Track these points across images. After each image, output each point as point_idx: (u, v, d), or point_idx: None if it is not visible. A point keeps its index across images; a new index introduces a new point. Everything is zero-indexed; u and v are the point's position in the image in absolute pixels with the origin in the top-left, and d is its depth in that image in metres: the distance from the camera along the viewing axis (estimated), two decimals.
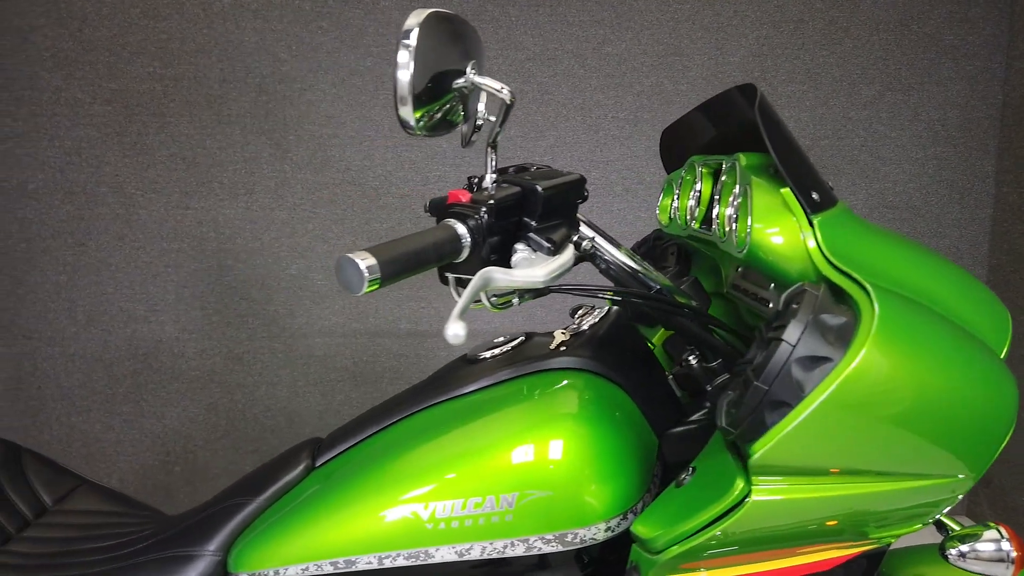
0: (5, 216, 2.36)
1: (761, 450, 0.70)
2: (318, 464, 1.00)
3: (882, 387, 0.69)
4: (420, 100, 0.77)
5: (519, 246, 0.80)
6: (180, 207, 2.40)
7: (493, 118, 1.31)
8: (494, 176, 0.86)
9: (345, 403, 2.54)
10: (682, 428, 0.95)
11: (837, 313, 0.70)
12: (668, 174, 1.19)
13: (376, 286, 0.69)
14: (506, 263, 0.80)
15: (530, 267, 0.78)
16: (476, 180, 1.25)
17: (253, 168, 2.40)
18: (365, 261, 0.67)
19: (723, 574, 0.79)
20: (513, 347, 1.02)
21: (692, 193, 1.06)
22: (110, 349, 2.45)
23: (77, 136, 2.34)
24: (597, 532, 0.86)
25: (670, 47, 2.44)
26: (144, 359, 2.47)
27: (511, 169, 1.23)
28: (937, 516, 0.82)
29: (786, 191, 0.82)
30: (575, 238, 0.90)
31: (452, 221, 0.78)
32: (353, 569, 0.89)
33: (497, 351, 1.02)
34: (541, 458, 0.86)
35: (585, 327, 1.01)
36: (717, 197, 0.94)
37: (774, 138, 0.81)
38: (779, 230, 0.81)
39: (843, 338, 0.69)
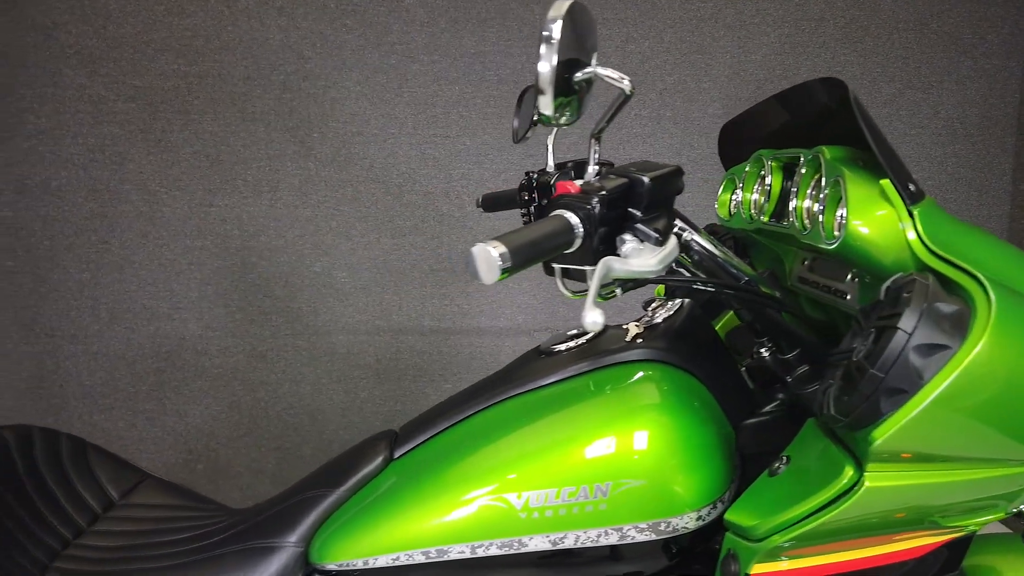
0: (28, 214, 2.35)
1: (882, 437, 0.71)
2: (396, 456, 1.01)
3: (998, 374, 0.70)
4: (558, 91, 0.79)
5: (627, 236, 0.81)
6: (204, 205, 2.40)
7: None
8: (596, 168, 0.87)
9: (368, 400, 2.55)
10: (757, 419, 0.97)
11: (950, 302, 0.71)
12: (726, 169, 1.20)
13: (506, 275, 0.69)
14: (612, 253, 0.81)
15: (641, 257, 0.79)
16: (534, 175, 1.25)
17: (277, 166, 2.40)
18: (497, 250, 0.68)
19: (820, 561, 0.80)
20: (587, 340, 1.03)
21: (756, 187, 1.08)
22: (133, 347, 2.44)
23: (101, 133, 2.34)
24: (689, 521, 0.87)
25: (693, 45, 2.45)
26: (167, 357, 2.46)
27: (569, 164, 1.24)
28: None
29: (885, 182, 0.83)
30: (676, 229, 0.91)
31: (565, 212, 0.79)
32: (445, 559, 0.90)
33: (572, 344, 1.03)
34: (634, 448, 0.87)
35: (659, 319, 1.02)
36: (794, 190, 0.95)
37: (873, 131, 0.83)
38: (877, 221, 0.83)
39: (959, 326, 0.70)
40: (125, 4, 2.29)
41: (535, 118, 1.31)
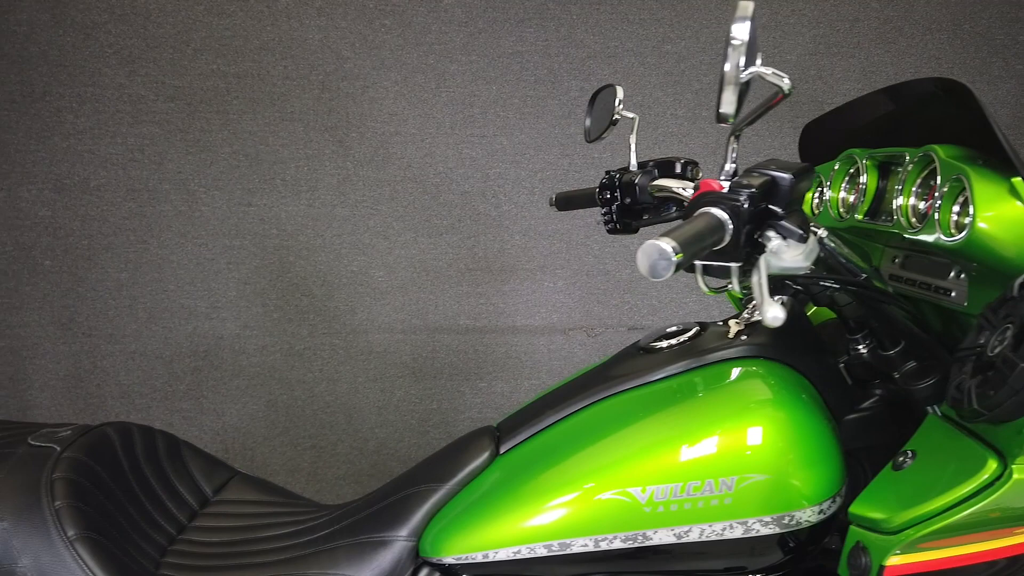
0: (67, 213, 2.36)
1: None
2: (503, 451, 1.03)
3: None
4: (740, 92, 0.80)
5: (770, 234, 0.82)
6: (242, 204, 2.40)
7: (630, 115, 1.33)
8: (734, 166, 0.88)
9: (404, 399, 2.56)
10: (857, 415, 0.99)
11: None
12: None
13: (677, 271, 0.71)
14: (757, 251, 0.82)
15: (791, 253, 0.81)
16: (616, 174, 1.26)
17: (315, 165, 2.41)
18: (670, 245, 0.69)
19: (954, 552, 0.82)
20: (690, 337, 1.04)
21: (844, 185, 1.10)
22: (170, 346, 2.45)
23: (140, 133, 2.34)
24: (811, 515, 0.89)
25: None
26: (204, 356, 2.47)
27: (651, 163, 1.25)
28: None
29: (1017, 180, 0.84)
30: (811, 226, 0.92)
31: (713, 208, 0.80)
32: (567, 552, 0.91)
33: (674, 341, 1.04)
34: (758, 443, 0.89)
35: (758, 316, 1.03)
36: (899, 188, 0.98)
37: (1000, 131, 0.85)
38: (1007, 219, 0.84)
39: None
40: (165, 4, 2.29)
41: (612, 119, 1.32)
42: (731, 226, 0.79)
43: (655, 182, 1.18)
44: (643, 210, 1.23)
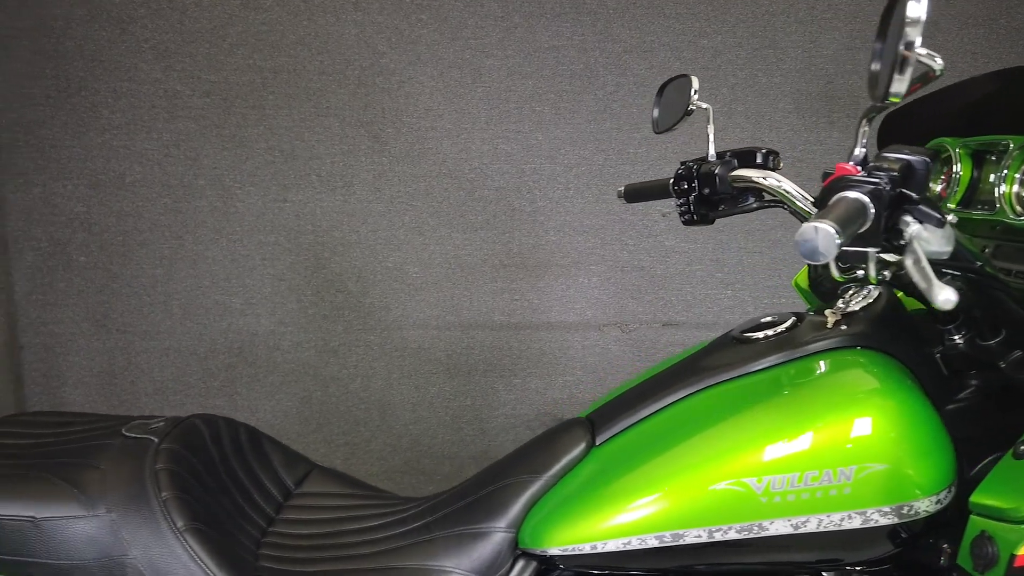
0: (102, 209, 2.35)
1: None
2: (599, 442, 1.02)
3: None
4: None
5: (908, 219, 0.81)
6: (278, 200, 2.39)
7: (704, 105, 1.32)
8: (863, 151, 0.87)
9: (438, 396, 2.55)
10: (955, 405, 0.98)
11: None
12: None
13: (838, 253, 0.71)
14: (896, 236, 0.81)
15: (935, 237, 0.80)
16: (693, 164, 1.25)
17: (351, 161, 2.40)
18: (832, 227, 0.69)
19: None
20: (787, 328, 1.03)
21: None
22: (205, 342, 2.44)
23: (175, 129, 2.33)
24: (930, 504, 0.89)
25: (765, 40, 2.45)
26: (239, 352, 2.46)
27: (728, 154, 1.24)
28: None
29: None
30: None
31: (853, 192, 0.79)
32: (680, 543, 0.91)
33: (769, 332, 1.03)
34: (876, 432, 0.88)
35: (855, 307, 1.03)
36: (1003, 175, 0.97)
37: None
38: None
39: None
40: None
41: (688, 109, 1.31)
42: (872, 210, 0.78)
43: (734, 172, 1.17)
44: (720, 201, 1.22)
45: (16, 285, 2.36)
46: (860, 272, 0.84)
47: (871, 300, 1.02)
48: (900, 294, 1.07)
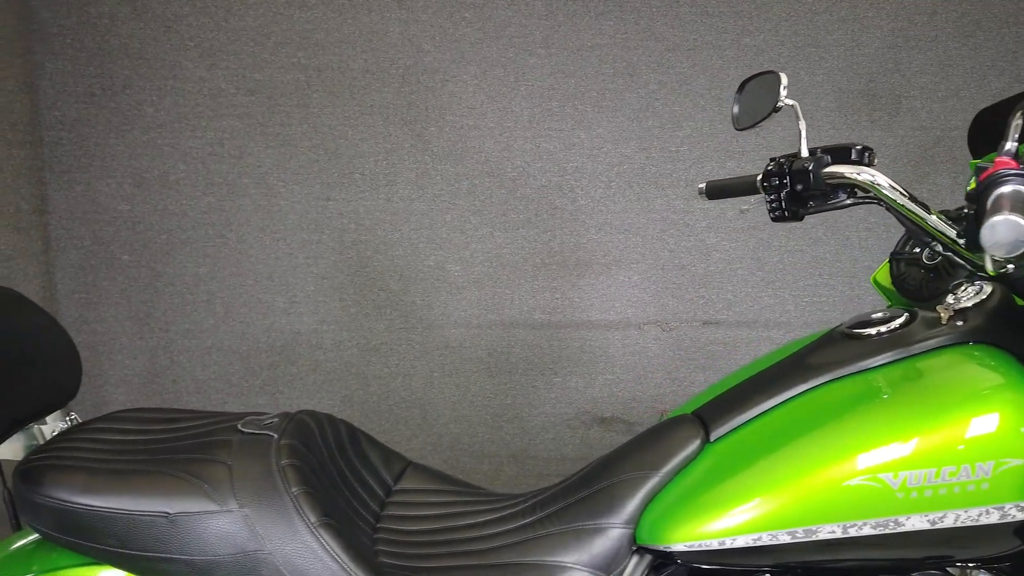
0: (146, 207, 2.35)
1: None
2: (713, 439, 1.02)
3: None
4: None
5: None
6: (321, 198, 2.39)
7: (791, 101, 1.32)
8: (1015, 144, 0.87)
9: (479, 394, 2.55)
10: None
11: None
12: (976, 157, 1.20)
13: None
14: None
15: None
16: (784, 160, 1.24)
17: (394, 159, 2.40)
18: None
19: None
20: (901, 324, 1.03)
21: None
22: (247, 341, 2.44)
23: (220, 127, 2.33)
24: None
25: (807, 38, 2.46)
26: (281, 351, 2.46)
27: (819, 150, 1.24)
28: None
29: None
30: None
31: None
32: (813, 539, 0.90)
33: (882, 328, 1.03)
34: (1010, 427, 0.88)
35: (967, 303, 1.02)
36: None
37: None
38: None
39: None
40: None
41: (776, 106, 1.31)
42: None
43: (827, 168, 1.17)
44: (811, 197, 1.21)
45: (59, 283, 2.35)
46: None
47: (984, 296, 1.02)
48: None
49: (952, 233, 1.01)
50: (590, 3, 2.39)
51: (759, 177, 1.27)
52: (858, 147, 1.19)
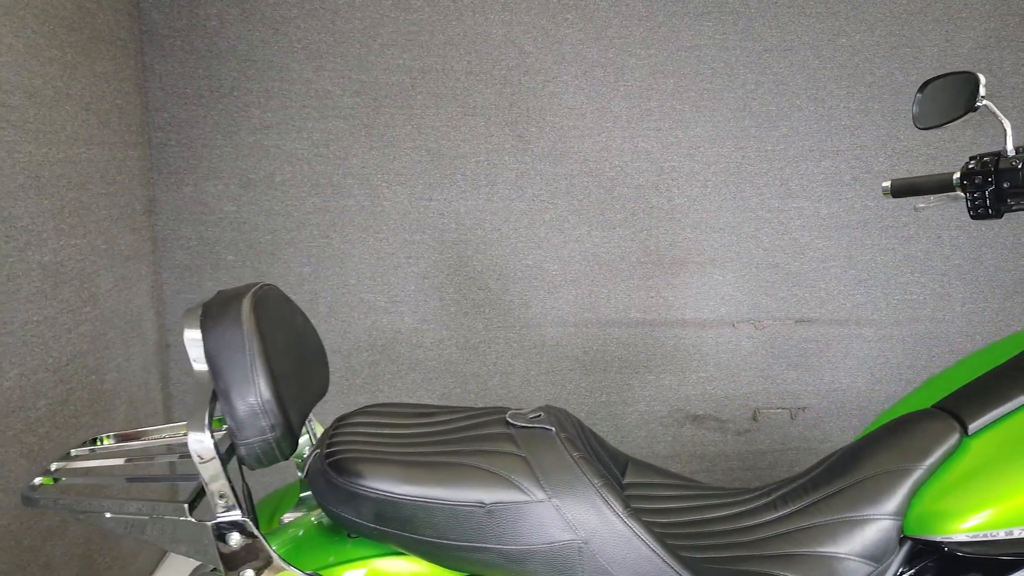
0: (251, 208, 2.37)
1: None
2: (971, 432, 1.04)
3: None
4: None
5: None
6: (423, 199, 2.42)
7: (987, 102, 1.34)
8: None
9: (574, 392, 2.57)
10: None
11: None
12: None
13: None
14: None
15: None
16: (988, 158, 1.27)
17: (495, 160, 2.42)
18: None
19: None
20: None
21: None
22: (348, 340, 2.46)
23: (325, 128, 2.35)
24: None
25: (902, 38, 2.48)
26: (382, 350, 2.48)
27: (1021, 149, 1.26)
28: None
29: None
30: None
31: None
32: None
33: None
34: None
35: None
36: None
37: None
38: None
39: None
40: None
41: (974, 106, 1.33)
42: None
43: None
44: (1016, 194, 1.23)
45: (165, 284, 2.38)
46: None
47: None
48: None
49: None
50: (690, 4, 2.41)
51: (956, 175, 1.29)
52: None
